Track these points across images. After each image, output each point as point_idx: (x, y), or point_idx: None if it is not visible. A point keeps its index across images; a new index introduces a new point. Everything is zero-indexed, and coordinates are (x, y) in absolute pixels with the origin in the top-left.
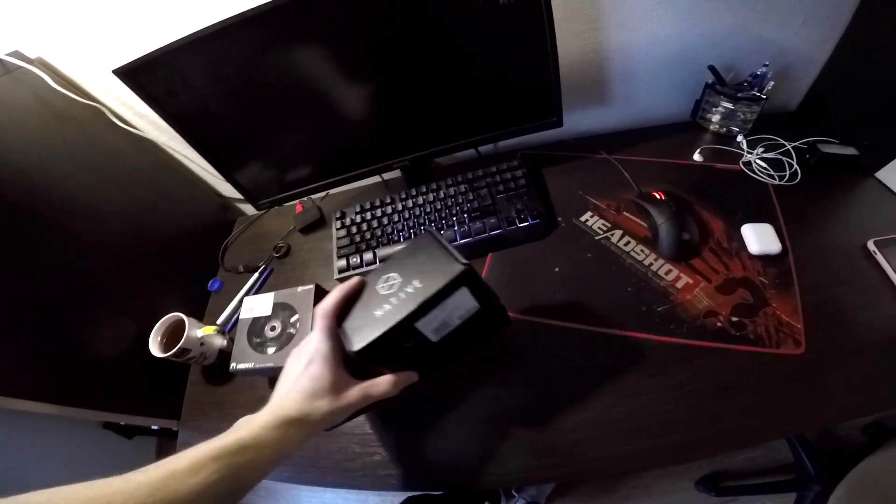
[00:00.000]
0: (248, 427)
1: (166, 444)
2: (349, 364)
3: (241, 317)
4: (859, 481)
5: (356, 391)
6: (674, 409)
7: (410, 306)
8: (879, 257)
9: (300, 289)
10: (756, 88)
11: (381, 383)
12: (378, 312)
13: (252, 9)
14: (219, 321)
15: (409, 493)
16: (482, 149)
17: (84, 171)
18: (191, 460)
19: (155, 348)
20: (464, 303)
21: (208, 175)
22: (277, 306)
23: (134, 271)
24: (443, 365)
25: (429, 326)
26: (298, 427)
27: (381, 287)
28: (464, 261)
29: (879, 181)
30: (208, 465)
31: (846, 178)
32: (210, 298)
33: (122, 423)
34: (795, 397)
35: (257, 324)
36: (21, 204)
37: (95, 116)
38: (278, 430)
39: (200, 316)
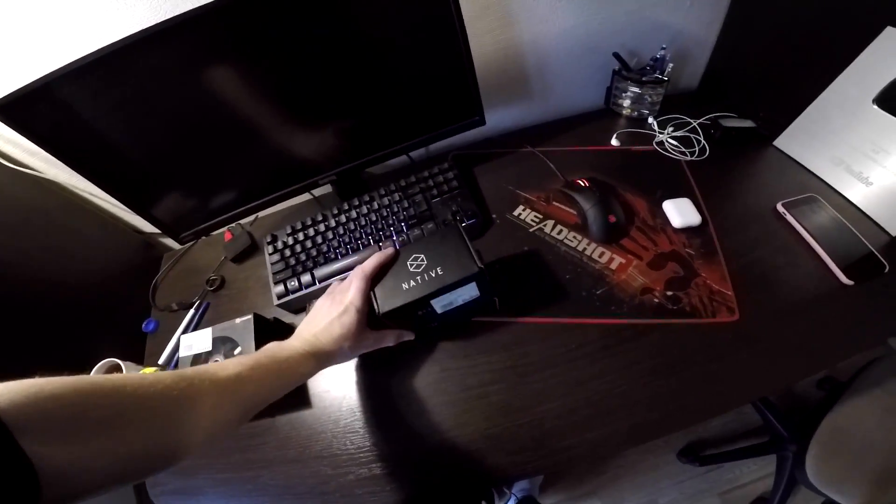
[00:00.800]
0: (282, 348)
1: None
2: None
3: (180, 356)
4: (829, 438)
5: (370, 340)
6: (630, 390)
7: (431, 287)
8: (790, 217)
9: (239, 320)
10: (658, 71)
11: (389, 336)
12: (404, 285)
13: (144, 29)
14: (160, 361)
15: None
16: (414, 154)
17: None
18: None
19: None
20: (470, 291)
21: (122, 212)
22: (217, 340)
23: (55, 323)
24: (438, 328)
25: (439, 303)
26: (322, 360)
27: (410, 264)
28: (480, 264)
29: (778, 148)
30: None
31: (749, 149)
32: (147, 340)
33: None
34: (741, 365)
35: (199, 361)
36: None
37: None
38: (304, 357)
39: (140, 359)
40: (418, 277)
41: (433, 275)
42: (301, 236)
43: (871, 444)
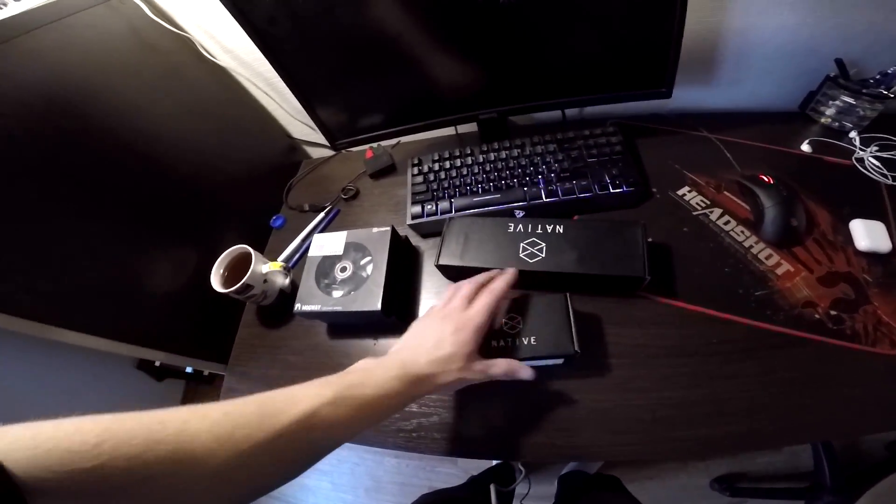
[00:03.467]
0: (371, 374)
1: (193, 389)
2: None
3: (310, 254)
4: (885, 493)
5: (480, 365)
6: (758, 396)
7: (521, 353)
8: None
9: (376, 230)
10: (883, 86)
11: (500, 364)
12: (493, 342)
13: None
14: (281, 258)
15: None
16: (568, 114)
17: (167, 100)
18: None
19: (216, 282)
20: (556, 361)
21: (282, 114)
22: (350, 246)
23: (201, 201)
24: None
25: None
26: (420, 388)
27: (506, 322)
28: (577, 347)
29: None
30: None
31: None
32: (271, 235)
33: (157, 364)
34: (882, 397)
35: (326, 263)
36: (103, 127)
37: (184, 47)
38: (400, 386)
39: (261, 252)
40: (509, 339)
41: (526, 342)
42: (447, 164)
43: None
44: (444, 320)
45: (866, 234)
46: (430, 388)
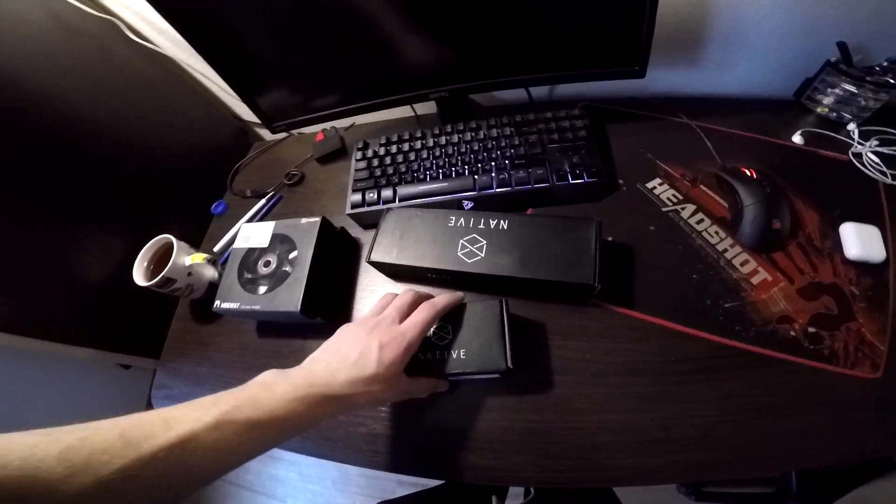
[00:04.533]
0: (271, 392)
1: None
2: None
3: (234, 246)
4: None
5: (404, 387)
6: (714, 423)
7: (449, 368)
8: None
9: (304, 220)
10: (890, 75)
11: (424, 385)
12: (419, 355)
13: None
14: (216, 249)
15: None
16: (536, 95)
17: (92, 84)
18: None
19: (139, 276)
20: (490, 375)
21: (227, 96)
22: (276, 238)
23: (135, 188)
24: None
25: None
26: (333, 405)
27: (433, 332)
28: (510, 363)
29: None
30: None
31: None
32: (212, 222)
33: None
34: (854, 424)
35: (251, 256)
36: (25, 116)
37: (111, 31)
38: (304, 404)
39: (199, 241)
40: (437, 352)
41: (455, 356)
42: (394, 149)
43: None
44: (372, 333)
45: (858, 241)
46: (343, 409)
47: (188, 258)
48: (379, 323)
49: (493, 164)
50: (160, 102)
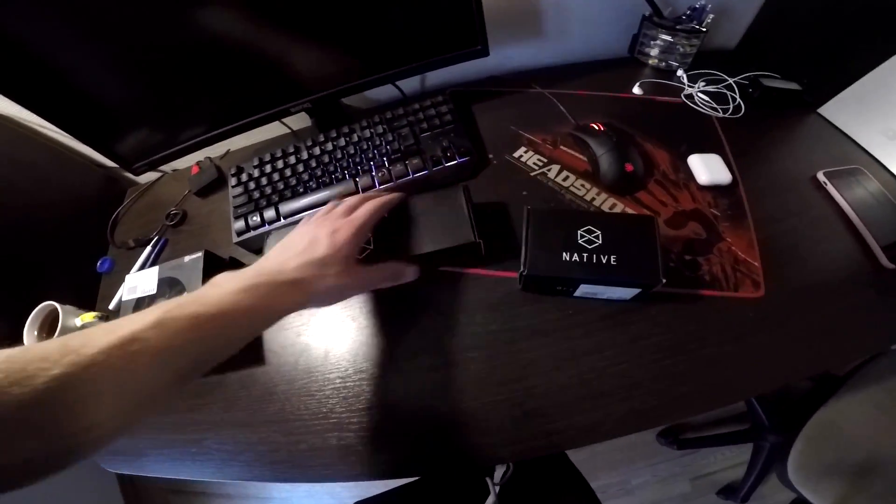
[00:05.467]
0: (218, 287)
1: None
2: None
3: (123, 298)
4: (817, 434)
5: (362, 275)
6: (630, 370)
7: (427, 248)
8: (830, 188)
9: (188, 258)
10: (695, 21)
11: (386, 271)
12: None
13: None
14: (110, 306)
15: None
16: (408, 88)
17: None
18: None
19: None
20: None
21: (81, 145)
22: (164, 282)
23: (9, 264)
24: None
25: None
26: (288, 293)
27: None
28: (476, 236)
29: (822, 116)
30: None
31: (789, 113)
32: (102, 280)
33: None
34: (760, 349)
35: (142, 306)
36: None
37: None
38: (252, 294)
39: (92, 302)
40: (395, 237)
41: (417, 238)
42: (269, 168)
43: (856, 443)
44: (321, 223)
45: (705, 168)
46: (302, 297)
47: (77, 319)
48: (328, 216)
49: (371, 163)
50: (7, 164)
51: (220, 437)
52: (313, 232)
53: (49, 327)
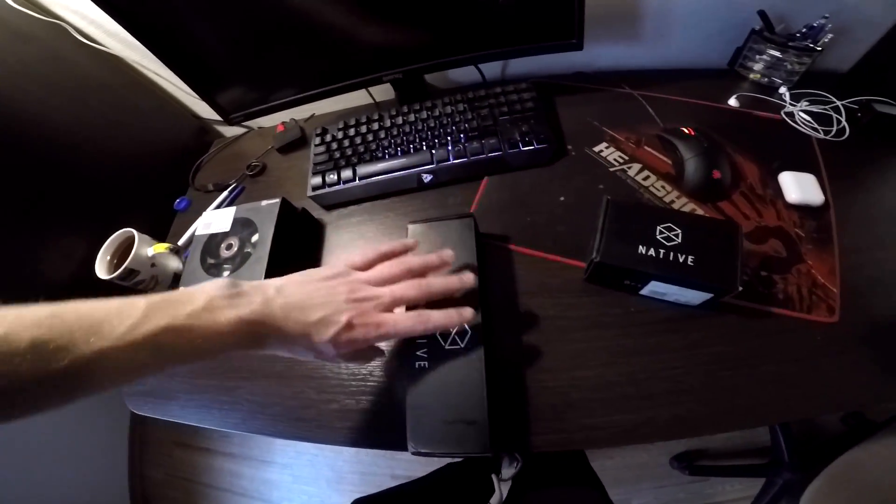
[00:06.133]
0: (215, 322)
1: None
2: None
3: (197, 233)
4: (841, 473)
5: (340, 359)
6: (683, 376)
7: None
8: None
9: (265, 202)
10: (810, 40)
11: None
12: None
13: None
14: (181, 242)
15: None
16: (489, 74)
17: (46, 89)
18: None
19: (102, 269)
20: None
21: (184, 95)
22: (238, 222)
23: (94, 189)
24: None
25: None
26: (266, 346)
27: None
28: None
29: None
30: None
31: None
32: (176, 218)
33: None
34: (822, 373)
35: (213, 241)
36: None
37: (59, 34)
38: (246, 339)
39: (164, 237)
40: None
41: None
42: (352, 132)
43: (880, 488)
44: (351, 303)
45: (797, 186)
46: (270, 350)
47: (150, 249)
48: (367, 298)
49: (448, 138)
50: (116, 104)
51: (254, 388)
52: (335, 307)
53: (122, 253)
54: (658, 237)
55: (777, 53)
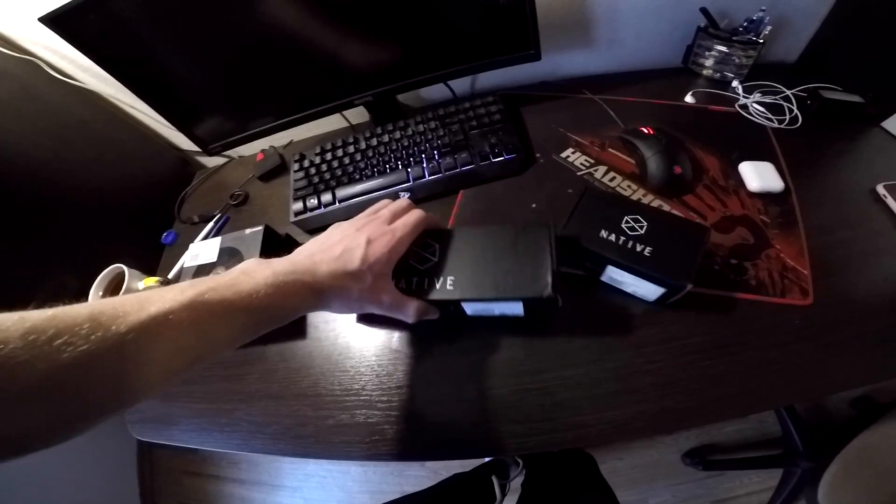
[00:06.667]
0: (250, 277)
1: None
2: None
3: (185, 265)
4: (855, 458)
5: (388, 296)
6: (667, 368)
7: (488, 294)
8: (890, 201)
9: (248, 231)
10: (752, 33)
11: (411, 306)
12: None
13: None
14: (170, 275)
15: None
16: (459, 90)
17: (22, 126)
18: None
19: None
20: (516, 308)
21: (162, 127)
22: (224, 251)
23: (82, 226)
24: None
25: (473, 307)
26: (314, 299)
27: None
28: (551, 290)
29: (885, 130)
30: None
31: (850, 126)
32: (164, 252)
33: None
34: (805, 356)
35: (202, 272)
36: None
37: (33, 71)
38: (282, 291)
39: (154, 271)
40: (430, 278)
41: (465, 281)
42: (329, 156)
43: (893, 468)
44: (362, 229)
45: (757, 175)
46: (322, 303)
47: (141, 283)
48: (371, 221)
49: (423, 155)
50: (95, 139)
51: (252, 409)
52: (352, 237)
53: (114, 288)
54: (623, 225)
55: (724, 48)
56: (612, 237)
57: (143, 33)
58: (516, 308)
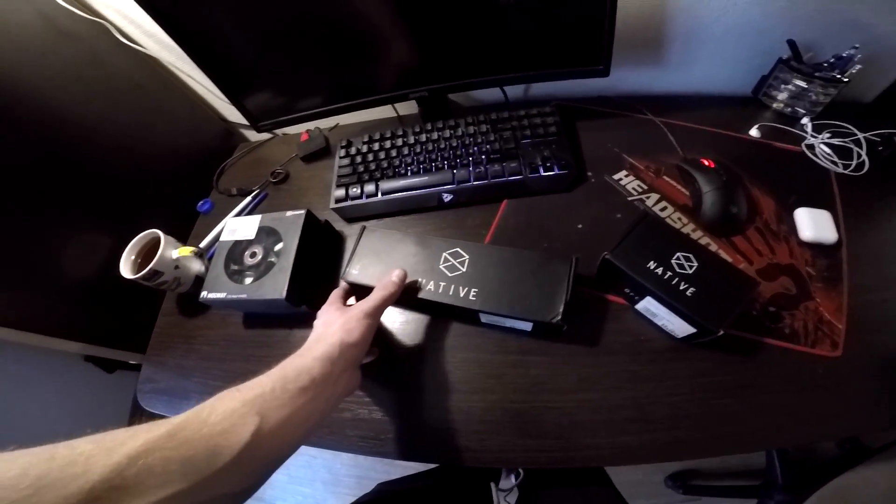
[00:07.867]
0: (306, 366)
1: None
2: None
3: (221, 239)
4: (830, 497)
5: (355, 312)
6: (684, 402)
7: (500, 309)
8: None
9: (290, 213)
10: (837, 70)
11: (372, 297)
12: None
13: None
14: (202, 244)
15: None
16: (512, 95)
17: (82, 87)
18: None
19: (126, 268)
20: (525, 325)
21: (214, 98)
22: (263, 230)
23: (120, 187)
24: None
25: (488, 317)
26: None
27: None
28: (560, 319)
29: None
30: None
31: None
32: (198, 220)
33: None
34: (819, 403)
35: (237, 248)
36: (12, 115)
37: (100, 33)
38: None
39: (185, 238)
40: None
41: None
42: (376, 146)
43: None
44: (339, 312)
45: (811, 224)
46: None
47: (175, 251)
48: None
49: (470, 159)
50: (148, 104)
51: None
52: (335, 314)
53: (146, 253)
54: (672, 261)
55: (803, 83)
56: (660, 270)
57: (213, 4)
58: (525, 325)
